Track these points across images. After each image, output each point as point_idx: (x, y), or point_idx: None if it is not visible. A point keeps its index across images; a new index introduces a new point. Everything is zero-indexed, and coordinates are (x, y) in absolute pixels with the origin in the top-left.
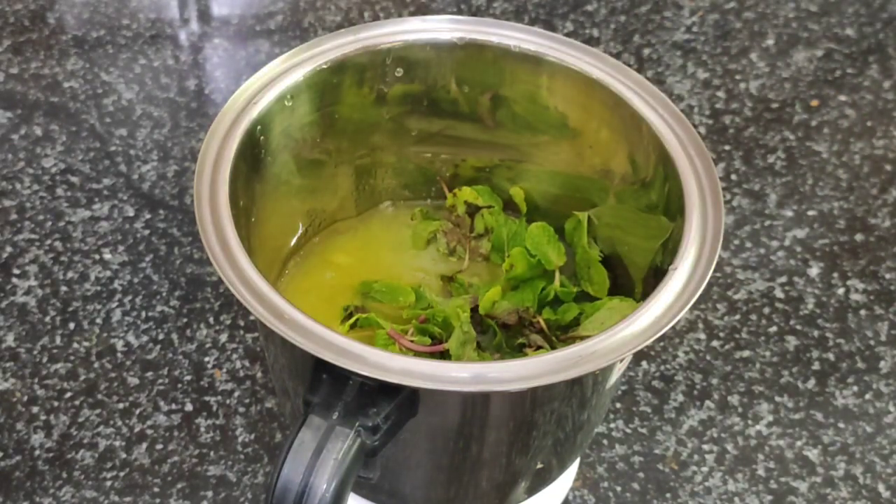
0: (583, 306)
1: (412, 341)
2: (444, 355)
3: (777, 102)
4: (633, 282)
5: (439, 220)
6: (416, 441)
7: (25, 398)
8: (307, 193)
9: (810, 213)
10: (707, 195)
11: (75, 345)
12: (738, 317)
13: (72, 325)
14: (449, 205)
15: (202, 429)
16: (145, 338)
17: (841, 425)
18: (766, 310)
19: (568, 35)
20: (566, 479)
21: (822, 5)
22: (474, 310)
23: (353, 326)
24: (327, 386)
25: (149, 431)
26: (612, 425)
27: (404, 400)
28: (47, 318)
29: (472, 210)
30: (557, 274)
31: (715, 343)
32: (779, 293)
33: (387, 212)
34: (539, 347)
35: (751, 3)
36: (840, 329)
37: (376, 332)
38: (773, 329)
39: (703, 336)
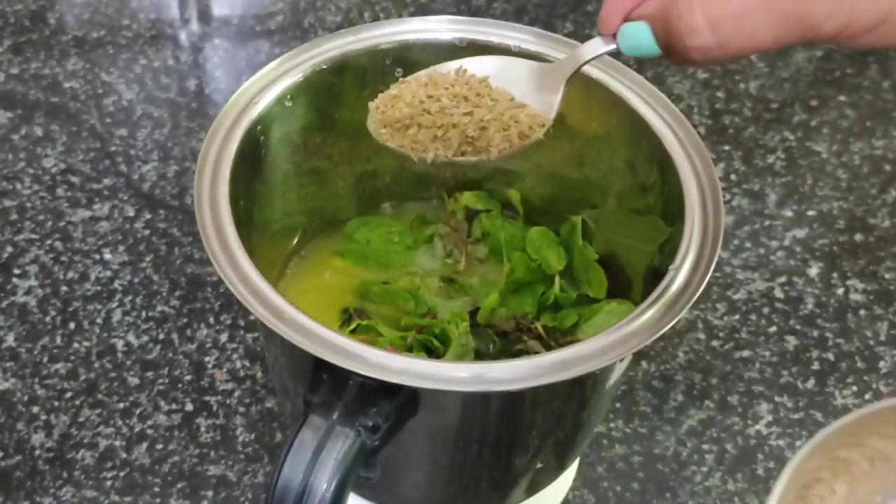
0: (581, 310)
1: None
2: None
3: (777, 102)
4: (630, 283)
5: (437, 224)
6: (417, 441)
7: (26, 398)
8: (307, 194)
9: (810, 213)
10: (707, 195)
11: (76, 345)
12: (737, 317)
13: (72, 325)
14: (450, 210)
15: (202, 429)
16: (145, 338)
17: None
18: (766, 310)
19: (568, 35)
20: (566, 479)
21: None
22: (473, 313)
23: (352, 332)
24: (327, 386)
25: (149, 431)
26: (612, 425)
27: (404, 400)
28: (48, 318)
29: (471, 214)
30: (557, 278)
31: (714, 343)
32: (778, 293)
33: (386, 212)
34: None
35: None
36: (840, 329)
37: (376, 339)
38: (773, 329)
39: (702, 336)
